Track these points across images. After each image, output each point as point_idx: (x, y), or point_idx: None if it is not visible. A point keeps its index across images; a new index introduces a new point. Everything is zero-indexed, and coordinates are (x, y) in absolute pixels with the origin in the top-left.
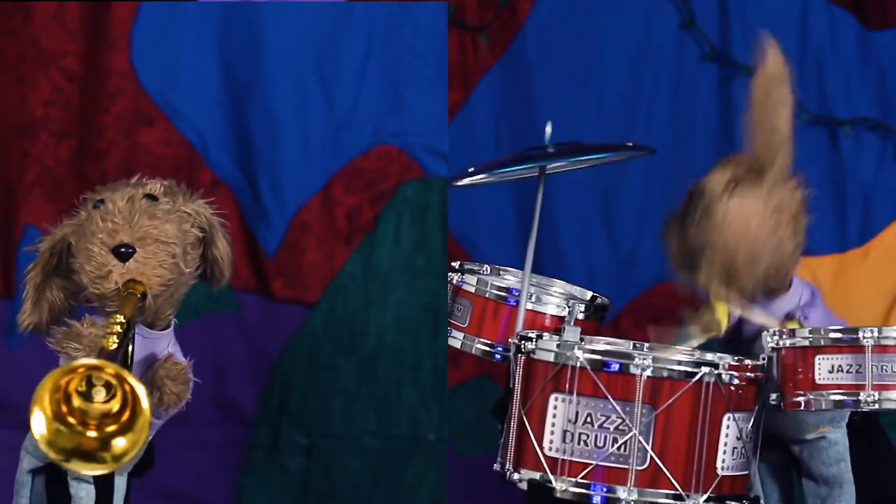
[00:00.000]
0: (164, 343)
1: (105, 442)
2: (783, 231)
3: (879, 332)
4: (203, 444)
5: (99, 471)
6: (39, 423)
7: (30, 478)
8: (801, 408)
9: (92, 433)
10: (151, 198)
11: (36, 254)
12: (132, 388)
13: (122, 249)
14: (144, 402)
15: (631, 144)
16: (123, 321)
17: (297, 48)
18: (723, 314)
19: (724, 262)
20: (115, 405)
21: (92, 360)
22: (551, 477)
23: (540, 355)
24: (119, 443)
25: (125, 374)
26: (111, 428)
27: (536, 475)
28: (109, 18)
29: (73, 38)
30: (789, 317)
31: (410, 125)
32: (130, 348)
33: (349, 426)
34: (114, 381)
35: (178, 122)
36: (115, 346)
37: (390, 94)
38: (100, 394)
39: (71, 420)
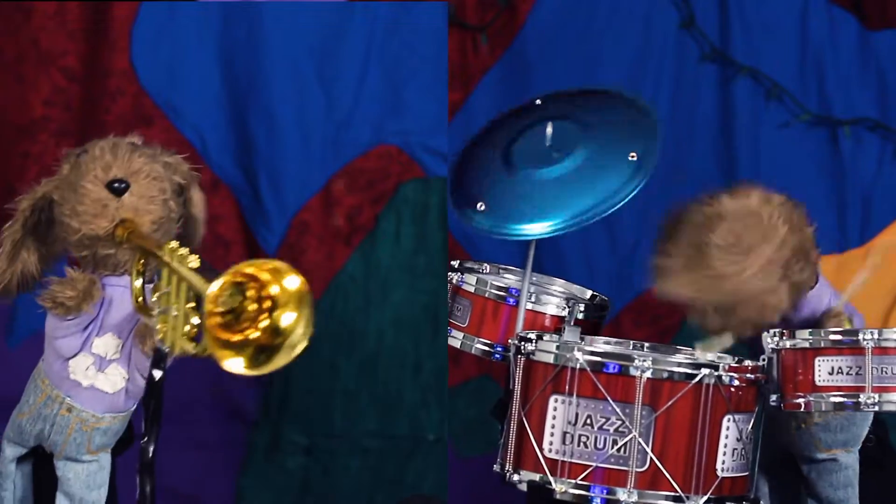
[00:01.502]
0: (148, 296)
1: (275, 330)
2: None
3: (879, 334)
4: (203, 444)
5: (293, 354)
6: (232, 362)
7: (14, 466)
8: (801, 409)
9: (263, 324)
10: (133, 145)
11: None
12: (261, 278)
13: (116, 184)
14: (292, 279)
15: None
16: (172, 244)
17: (297, 48)
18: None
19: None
20: (250, 305)
21: (226, 276)
22: (551, 478)
23: (539, 357)
24: (286, 319)
25: (248, 267)
26: (266, 316)
27: (536, 476)
28: (109, 18)
29: (73, 38)
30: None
31: (410, 125)
32: (140, 282)
33: (349, 426)
34: (246, 281)
35: (178, 122)
36: (196, 261)
37: (390, 93)
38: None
39: (241, 331)
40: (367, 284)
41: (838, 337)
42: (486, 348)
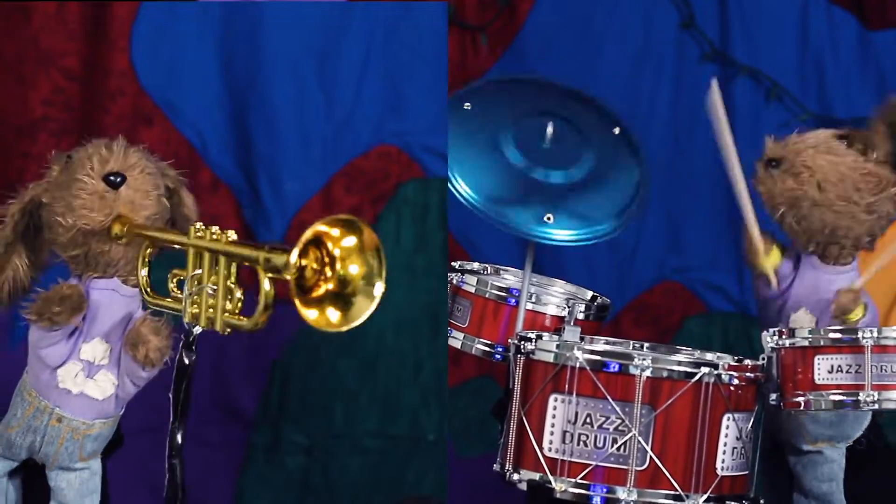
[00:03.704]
0: (139, 301)
1: (343, 280)
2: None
3: (879, 332)
4: (203, 444)
5: (374, 300)
6: (330, 313)
7: (5, 480)
8: (801, 408)
9: (329, 275)
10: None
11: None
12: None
13: (112, 177)
14: (349, 240)
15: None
16: (198, 226)
17: (297, 48)
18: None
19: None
20: (312, 264)
21: (303, 239)
22: (551, 477)
23: (539, 356)
24: (353, 269)
25: (315, 231)
26: (331, 267)
27: (536, 476)
28: (109, 18)
29: (73, 37)
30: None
31: (410, 125)
32: (146, 271)
33: (349, 426)
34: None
35: (178, 121)
36: (234, 234)
37: (390, 94)
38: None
39: (315, 290)
40: None
41: (838, 335)
42: (487, 349)
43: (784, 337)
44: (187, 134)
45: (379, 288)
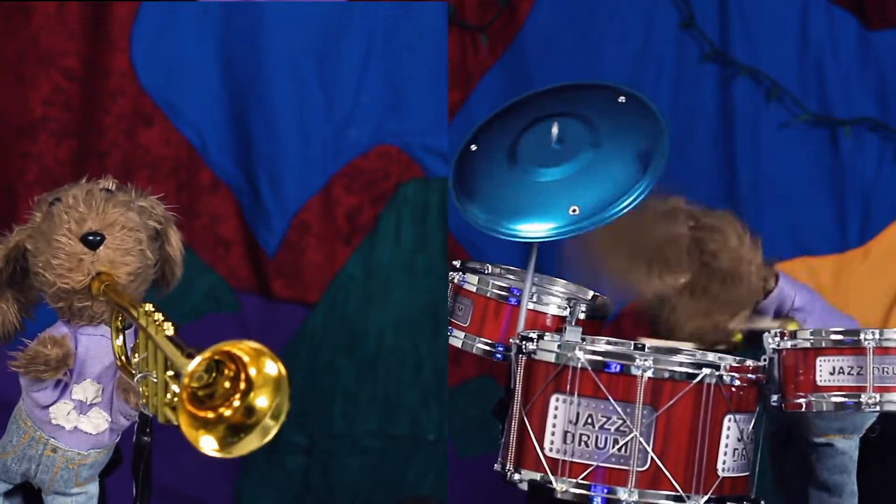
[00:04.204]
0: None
1: (248, 409)
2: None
3: (881, 334)
4: None
5: (266, 438)
6: (204, 441)
7: (2, 500)
8: (803, 409)
9: (236, 404)
10: (107, 191)
11: None
12: (238, 358)
13: (91, 237)
14: (272, 365)
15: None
16: (147, 308)
17: (297, 48)
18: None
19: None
20: (225, 382)
21: (206, 353)
22: (552, 478)
23: (541, 356)
24: (261, 402)
25: (229, 346)
26: (239, 398)
27: (537, 476)
28: (109, 18)
29: (73, 37)
30: (786, 316)
31: (410, 125)
32: (122, 340)
33: (349, 426)
34: (221, 359)
35: (178, 122)
36: (171, 329)
37: (390, 94)
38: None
39: (212, 411)
40: (367, 284)
41: (839, 337)
42: (488, 348)
43: (786, 338)
44: (187, 134)
45: (275, 429)
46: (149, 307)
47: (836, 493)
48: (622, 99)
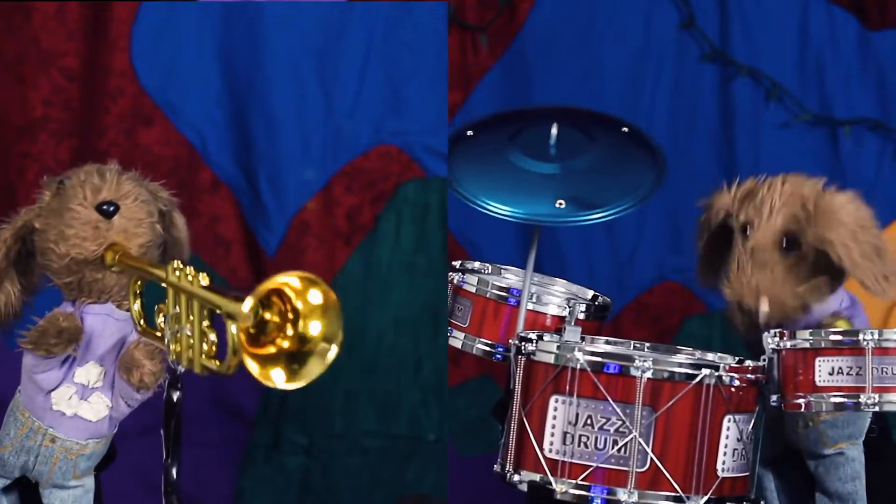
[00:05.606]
0: (132, 324)
1: (302, 338)
2: None
3: (880, 334)
4: (203, 443)
5: (326, 361)
6: (275, 374)
7: (0, 497)
8: (802, 409)
9: (288, 333)
10: (118, 170)
11: None
12: (282, 292)
13: (106, 206)
14: (314, 295)
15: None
16: (175, 264)
17: (297, 48)
18: None
19: None
20: (274, 317)
21: (264, 286)
22: (551, 479)
23: (540, 357)
24: (313, 328)
25: (278, 283)
26: (291, 328)
27: (536, 477)
28: (109, 18)
29: (73, 37)
30: (836, 314)
31: (410, 125)
32: (138, 305)
33: (349, 426)
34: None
35: (178, 122)
36: (206, 279)
37: (390, 93)
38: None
39: (269, 345)
40: (367, 284)
41: (839, 337)
42: (487, 348)
43: (785, 338)
44: (187, 134)
45: (334, 351)
46: (177, 263)
47: (848, 501)
48: (625, 130)
